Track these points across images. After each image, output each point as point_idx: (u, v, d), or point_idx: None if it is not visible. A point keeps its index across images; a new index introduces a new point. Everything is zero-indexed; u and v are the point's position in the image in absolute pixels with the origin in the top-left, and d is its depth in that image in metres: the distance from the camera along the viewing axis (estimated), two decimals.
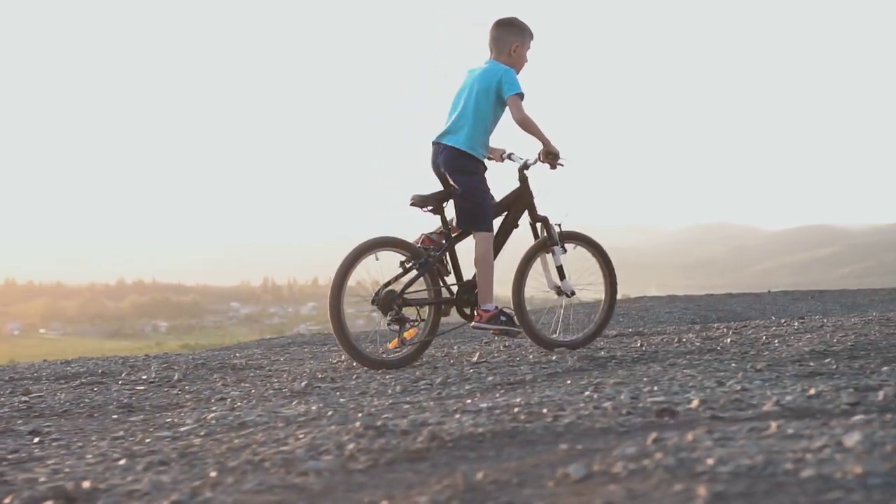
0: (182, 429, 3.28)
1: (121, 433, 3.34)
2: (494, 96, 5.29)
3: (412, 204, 5.37)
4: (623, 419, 2.89)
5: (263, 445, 2.70)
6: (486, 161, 5.47)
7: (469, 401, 3.65)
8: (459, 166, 5.31)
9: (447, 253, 5.42)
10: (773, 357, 4.62)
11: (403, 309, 5.24)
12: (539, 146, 5.44)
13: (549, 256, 5.70)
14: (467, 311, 5.47)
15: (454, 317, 5.59)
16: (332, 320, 5.00)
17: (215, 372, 5.54)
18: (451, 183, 5.35)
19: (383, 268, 5.28)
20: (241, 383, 4.86)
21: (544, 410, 3.16)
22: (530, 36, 5.52)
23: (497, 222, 5.53)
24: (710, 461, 2.07)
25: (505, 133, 5.55)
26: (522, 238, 5.79)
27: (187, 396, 4.42)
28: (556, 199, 5.76)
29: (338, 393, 4.26)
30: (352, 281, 5.09)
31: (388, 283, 5.23)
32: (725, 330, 6.50)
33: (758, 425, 2.54)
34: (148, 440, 3.07)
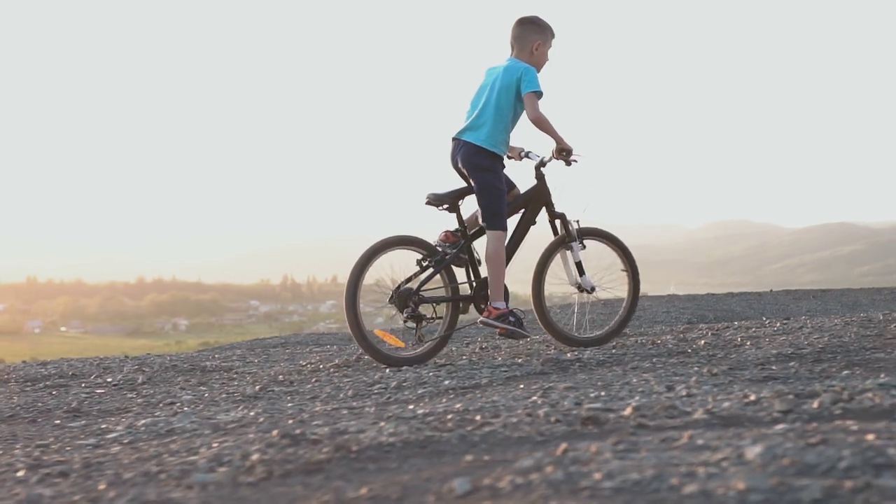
0: (109, 436, 3.23)
1: (50, 440, 3.29)
2: (515, 93, 5.29)
3: (427, 203, 5.39)
4: (547, 428, 2.82)
5: (174, 455, 2.64)
6: (504, 158, 5.46)
7: (411, 406, 3.59)
8: (478, 163, 5.30)
9: (465, 250, 5.43)
10: (738, 360, 4.53)
11: (420, 306, 5.24)
12: (553, 143, 5.44)
13: (568, 253, 5.72)
14: (485, 307, 5.44)
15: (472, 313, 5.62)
16: (348, 318, 5.03)
17: (183, 374, 5.50)
18: (470, 179, 5.35)
19: (397, 266, 5.33)
20: (200, 386, 4.82)
21: (477, 417, 3.09)
22: (552, 34, 5.53)
23: (514, 220, 5.56)
24: (598, 475, 2.00)
25: (521, 131, 5.60)
26: (543, 235, 5.82)
27: (140, 400, 4.38)
28: (574, 195, 5.76)
29: (288, 397, 4.21)
30: (372, 280, 5.18)
31: (406, 281, 5.27)
32: (706, 331, 6.40)
33: (672, 435, 2.46)
34: (68, 448, 3.02)
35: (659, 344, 5.61)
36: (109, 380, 5.28)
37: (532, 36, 5.43)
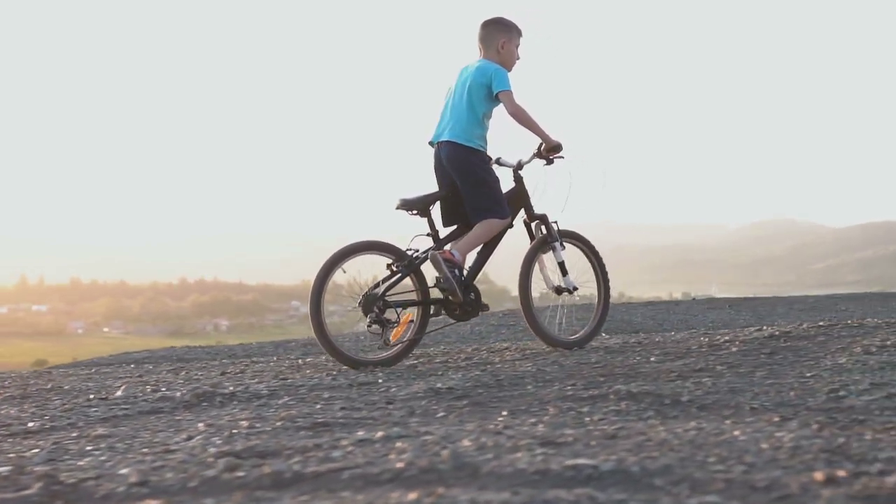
0: None
1: None
2: (486, 92, 5.36)
3: (398, 208, 5.44)
4: None
5: None
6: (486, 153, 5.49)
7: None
8: (464, 161, 5.36)
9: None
10: (388, 394, 4.08)
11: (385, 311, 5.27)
12: (536, 141, 5.50)
13: (547, 255, 5.70)
14: (457, 311, 5.46)
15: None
16: (313, 322, 5.14)
17: None
18: (458, 181, 5.38)
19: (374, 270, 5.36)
20: None
21: None
22: (518, 33, 5.62)
23: None
24: None
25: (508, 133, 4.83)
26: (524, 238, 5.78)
27: None
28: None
29: None
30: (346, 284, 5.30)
31: (377, 286, 5.28)
32: (471, 353, 5.94)
33: None
34: None
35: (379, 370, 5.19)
36: None
37: (497, 35, 5.53)
